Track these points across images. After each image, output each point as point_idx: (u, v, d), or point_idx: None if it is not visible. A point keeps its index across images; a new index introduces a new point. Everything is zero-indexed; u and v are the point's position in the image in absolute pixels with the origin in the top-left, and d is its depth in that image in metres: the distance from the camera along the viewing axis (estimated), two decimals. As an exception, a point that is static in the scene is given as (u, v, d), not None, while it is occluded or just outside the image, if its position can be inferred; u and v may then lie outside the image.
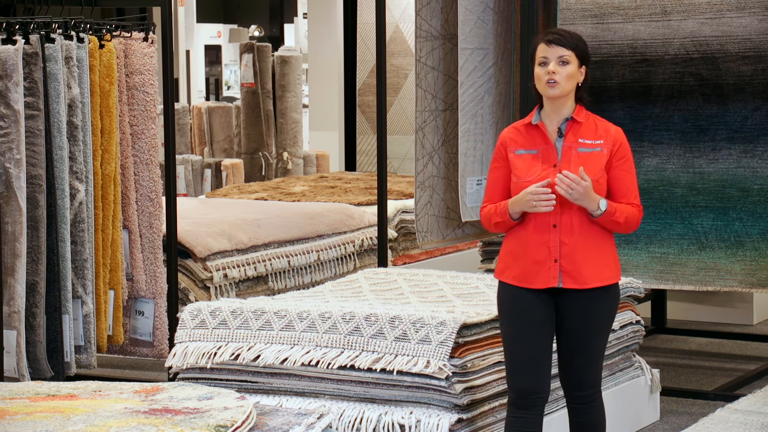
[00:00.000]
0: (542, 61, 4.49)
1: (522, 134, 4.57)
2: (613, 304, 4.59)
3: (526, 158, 4.53)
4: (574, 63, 4.49)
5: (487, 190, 4.65)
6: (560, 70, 4.46)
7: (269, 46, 11.66)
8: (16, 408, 3.98)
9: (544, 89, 4.49)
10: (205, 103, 12.79)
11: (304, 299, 5.65)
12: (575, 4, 6.70)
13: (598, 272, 4.50)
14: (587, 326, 4.53)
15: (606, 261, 4.53)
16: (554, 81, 4.45)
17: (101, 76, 6.18)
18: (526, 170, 4.51)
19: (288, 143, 11.48)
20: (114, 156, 6.25)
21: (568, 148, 4.50)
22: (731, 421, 5.52)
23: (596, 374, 4.62)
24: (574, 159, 4.49)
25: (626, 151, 4.56)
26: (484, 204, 4.64)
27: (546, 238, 4.48)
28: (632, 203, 4.54)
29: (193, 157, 11.27)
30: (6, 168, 5.75)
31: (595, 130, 4.53)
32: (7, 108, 5.76)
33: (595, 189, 4.45)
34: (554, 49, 4.48)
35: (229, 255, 7.17)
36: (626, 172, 4.54)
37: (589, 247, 4.49)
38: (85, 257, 6.10)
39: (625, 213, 4.50)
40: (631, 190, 4.55)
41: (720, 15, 6.40)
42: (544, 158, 4.51)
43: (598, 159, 4.50)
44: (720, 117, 6.44)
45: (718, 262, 6.46)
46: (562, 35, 4.52)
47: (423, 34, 7.07)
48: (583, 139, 4.51)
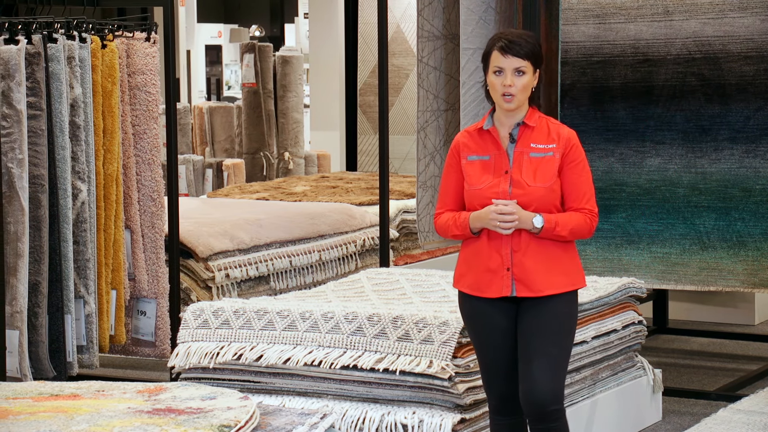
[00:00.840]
0: (497, 70, 4.36)
1: (474, 139, 4.46)
2: (571, 309, 4.44)
3: (477, 165, 4.43)
4: (530, 72, 4.36)
5: (440, 196, 4.54)
6: (516, 82, 4.34)
7: (271, 46, 11.67)
8: (20, 408, 3.98)
9: (500, 101, 4.38)
10: (206, 103, 12.79)
11: (307, 299, 5.65)
12: (577, 4, 6.70)
13: (553, 280, 4.38)
14: (543, 330, 4.37)
15: (562, 268, 4.41)
16: (511, 95, 4.34)
17: (103, 76, 6.18)
18: (478, 177, 4.41)
19: (289, 143, 11.48)
20: (116, 156, 6.25)
21: (520, 153, 4.40)
22: (734, 422, 5.52)
23: (558, 388, 4.39)
24: (525, 165, 4.38)
25: (578, 154, 4.42)
26: (439, 211, 4.52)
27: (498, 247, 4.38)
28: (583, 208, 4.41)
29: (195, 157, 11.27)
30: (9, 168, 5.75)
31: (548, 134, 4.42)
32: (9, 108, 5.76)
33: (549, 196, 4.37)
34: (510, 60, 4.35)
35: (231, 255, 7.17)
36: (578, 176, 4.41)
37: (543, 254, 4.37)
38: (87, 257, 6.10)
39: (570, 225, 4.37)
40: (584, 194, 4.42)
41: (722, 15, 6.40)
42: (496, 165, 4.40)
43: (550, 164, 4.39)
44: (722, 117, 6.44)
45: (721, 263, 6.46)
46: (518, 44, 4.35)
47: (425, 34, 7.08)
48: (535, 144, 4.40)
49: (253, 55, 11.40)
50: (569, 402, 5.59)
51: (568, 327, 4.44)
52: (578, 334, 5.56)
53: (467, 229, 4.41)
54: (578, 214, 4.40)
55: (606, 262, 6.68)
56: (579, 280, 4.46)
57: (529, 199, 4.36)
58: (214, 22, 21.82)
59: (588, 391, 5.73)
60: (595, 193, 4.47)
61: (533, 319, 4.38)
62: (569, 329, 4.45)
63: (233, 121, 11.86)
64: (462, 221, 4.42)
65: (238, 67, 20.93)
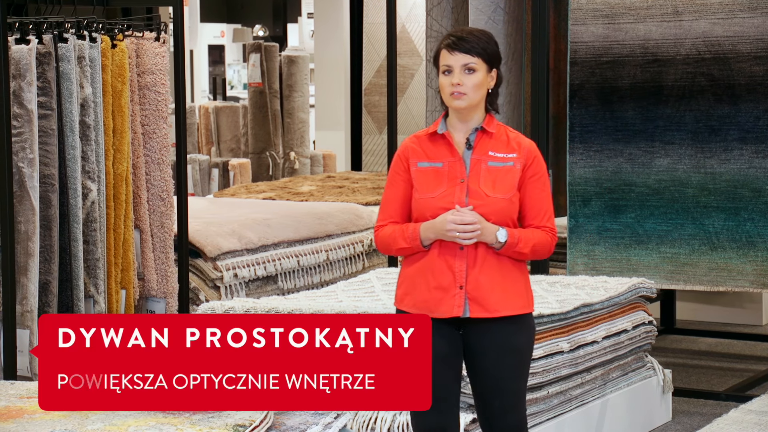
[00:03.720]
0: (445, 69, 4.00)
1: (425, 145, 4.07)
2: (529, 337, 4.09)
3: (429, 172, 4.03)
4: (481, 70, 3.99)
5: (382, 206, 4.11)
6: (466, 80, 3.97)
7: (276, 45, 11.67)
8: (34, 407, 3.99)
9: (449, 100, 4.01)
10: (212, 103, 12.79)
11: (317, 299, 5.65)
12: (586, 4, 6.70)
13: (510, 300, 4.00)
14: (504, 366, 4.00)
15: (518, 289, 4.02)
16: (459, 93, 3.97)
17: (113, 76, 6.18)
18: (430, 186, 4.02)
19: (295, 143, 11.48)
20: (126, 155, 6.25)
21: (477, 161, 4.02)
22: (745, 422, 5.52)
23: (522, 418, 4.10)
24: (483, 174, 4.01)
25: (540, 167, 4.06)
26: (381, 224, 4.09)
27: (451, 263, 3.98)
28: (544, 226, 4.04)
29: (201, 156, 11.27)
30: (19, 167, 5.75)
31: (507, 142, 4.04)
32: (20, 108, 5.76)
33: (508, 209, 4.01)
34: (457, 57, 3.98)
35: (239, 255, 7.17)
36: (540, 191, 4.05)
37: (500, 272, 3.99)
38: (97, 257, 6.10)
39: (532, 242, 4.00)
40: (544, 211, 4.05)
41: (732, 15, 6.40)
42: (451, 172, 4.02)
43: (510, 175, 4.02)
44: (732, 117, 6.44)
45: (730, 263, 6.46)
46: (465, 40, 3.99)
47: (434, 34, 7.08)
48: (494, 152, 4.02)
49: (260, 54, 11.40)
50: (580, 402, 5.59)
51: (528, 358, 4.10)
52: (589, 334, 5.56)
53: (417, 241, 4.00)
54: (540, 231, 4.03)
55: (615, 263, 6.68)
56: (531, 303, 4.09)
57: (488, 210, 3.99)
58: (216, 22, 21.83)
59: (598, 391, 5.73)
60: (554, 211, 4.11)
61: (492, 352, 4.01)
62: (528, 358, 4.10)
63: (239, 121, 11.86)
64: (411, 233, 4.01)
65: (241, 67, 20.97)
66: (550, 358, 5.30)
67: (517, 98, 7.19)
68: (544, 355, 5.26)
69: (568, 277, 6.26)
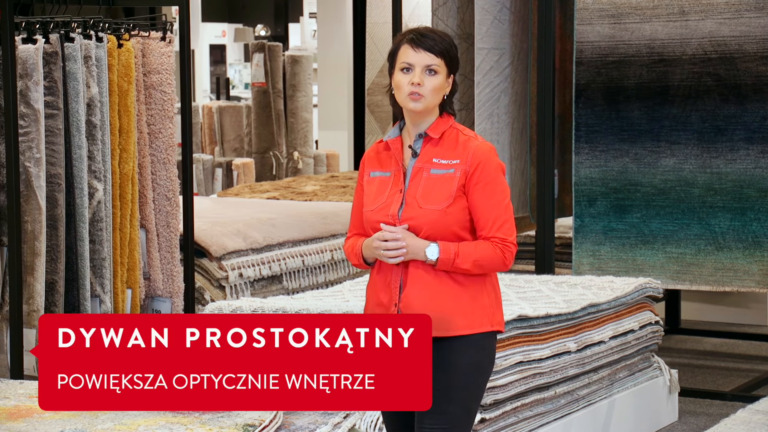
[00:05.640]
0: (405, 66, 3.72)
1: (380, 153, 3.83)
2: (472, 358, 3.68)
3: (376, 182, 3.80)
4: (442, 73, 3.72)
5: (351, 217, 3.93)
6: (427, 82, 3.70)
7: (280, 45, 11.67)
8: (44, 407, 3.98)
9: (405, 101, 3.72)
10: (215, 103, 12.79)
11: (324, 299, 5.65)
12: (592, 3, 6.70)
13: (448, 321, 3.66)
14: (437, 385, 3.59)
15: (462, 308, 3.69)
16: (418, 94, 3.69)
17: (120, 76, 6.17)
18: (371, 197, 3.79)
19: (298, 143, 11.47)
20: (132, 155, 6.24)
21: (419, 169, 3.74)
22: (753, 422, 5.51)
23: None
24: (423, 183, 3.72)
25: (486, 173, 3.70)
26: (348, 235, 3.90)
27: (389, 280, 3.75)
28: (493, 237, 3.69)
29: (204, 156, 11.27)
30: (26, 167, 5.75)
31: (454, 148, 3.73)
32: (27, 107, 5.76)
33: (443, 220, 3.70)
34: (421, 56, 3.71)
35: (244, 254, 7.17)
36: (487, 198, 3.69)
37: (435, 291, 3.70)
38: (103, 256, 6.09)
39: (473, 256, 3.66)
40: (493, 221, 3.69)
41: (738, 15, 6.40)
42: (394, 182, 3.76)
43: (448, 183, 3.71)
44: (738, 117, 6.44)
45: (736, 263, 6.46)
46: (431, 39, 3.73)
47: (439, 33, 7.06)
48: (438, 159, 3.73)
49: (263, 54, 11.40)
50: (587, 402, 5.59)
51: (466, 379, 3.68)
52: (596, 334, 5.57)
53: (361, 259, 3.80)
54: (486, 243, 3.68)
55: (620, 263, 6.68)
56: (485, 322, 3.71)
57: (419, 223, 3.70)
58: (218, 22, 21.83)
59: (605, 391, 5.73)
60: (512, 218, 3.75)
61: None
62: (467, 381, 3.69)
63: (242, 121, 11.86)
64: (357, 249, 3.82)
65: (242, 67, 20.96)
66: (557, 358, 5.30)
67: (523, 98, 7.19)
68: (551, 355, 5.26)
69: (575, 277, 6.26)
